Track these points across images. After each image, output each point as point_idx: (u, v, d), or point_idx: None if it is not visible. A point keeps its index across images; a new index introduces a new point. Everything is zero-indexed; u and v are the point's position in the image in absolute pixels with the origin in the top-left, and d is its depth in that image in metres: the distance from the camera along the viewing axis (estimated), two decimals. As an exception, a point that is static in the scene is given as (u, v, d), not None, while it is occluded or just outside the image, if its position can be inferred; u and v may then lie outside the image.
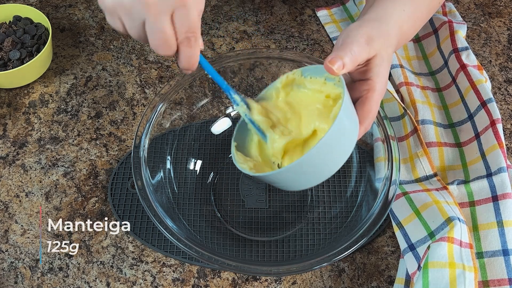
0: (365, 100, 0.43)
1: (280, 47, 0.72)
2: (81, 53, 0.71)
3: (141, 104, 0.67)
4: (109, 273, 0.55)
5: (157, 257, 0.56)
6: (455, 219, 0.50)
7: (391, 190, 0.50)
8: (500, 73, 0.70)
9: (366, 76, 0.44)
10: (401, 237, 0.54)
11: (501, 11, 0.77)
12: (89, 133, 0.64)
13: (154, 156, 0.55)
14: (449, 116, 0.64)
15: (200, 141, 0.61)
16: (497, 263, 0.51)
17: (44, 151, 0.63)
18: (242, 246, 0.56)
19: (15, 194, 0.60)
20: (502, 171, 0.54)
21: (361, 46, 0.42)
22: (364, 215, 0.51)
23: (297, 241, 0.56)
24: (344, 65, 0.41)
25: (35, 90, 0.68)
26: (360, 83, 0.44)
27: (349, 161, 0.59)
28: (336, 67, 0.40)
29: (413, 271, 0.51)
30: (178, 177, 0.58)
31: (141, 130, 0.54)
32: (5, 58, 0.65)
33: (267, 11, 0.77)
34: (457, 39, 0.65)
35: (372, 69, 0.44)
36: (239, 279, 0.55)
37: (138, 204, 0.58)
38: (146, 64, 0.70)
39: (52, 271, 0.55)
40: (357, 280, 0.54)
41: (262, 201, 0.59)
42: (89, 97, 0.67)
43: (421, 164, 0.58)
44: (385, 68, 0.45)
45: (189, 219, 0.56)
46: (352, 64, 0.42)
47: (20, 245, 0.56)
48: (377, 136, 0.55)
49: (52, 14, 0.75)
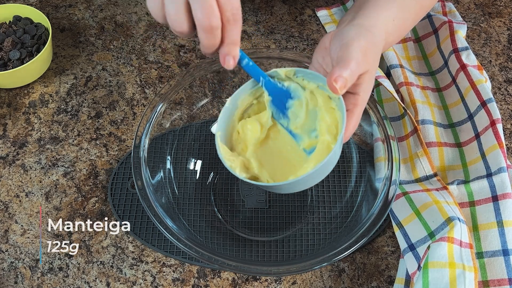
0: (350, 114, 0.44)
1: (280, 47, 0.72)
2: (81, 53, 0.71)
3: (141, 104, 0.67)
4: (109, 273, 0.55)
5: (157, 257, 0.56)
6: (455, 219, 0.50)
7: (391, 190, 0.50)
8: (500, 73, 0.70)
9: (354, 90, 0.44)
10: (401, 237, 0.54)
11: (501, 11, 0.77)
12: (89, 133, 0.64)
13: (154, 156, 0.55)
14: (449, 116, 0.64)
15: (200, 141, 0.61)
16: (497, 263, 0.51)
17: (44, 151, 0.63)
18: (242, 246, 0.56)
19: (15, 194, 0.60)
20: (502, 171, 0.54)
21: (359, 64, 0.42)
22: (364, 215, 0.51)
23: (297, 241, 0.56)
24: (346, 85, 0.41)
25: (35, 90, 0.68)
26: (347, 96, 0.45)
27: (349, 161, 0.59)
28: (339, 86, 0.41)
29: (413, 271, 0.51)
30: (178, 177, 0.58)
31: (141, 130, 0.54)
32: (5, 58, 0.65)
33: (267, 11, 0.77)
34: (457, 39, 0.65)
35: (361, 85, 0.44)
36: (239, 279, 0.55)
37: (138, 204, 0.58)
38: (146, 64, 0.70)
39: (52, 271, 0.55)
40: (357, 280, 0.54)
41: (262, 201, 0.59)
42: (89, 97, 0.67)
43: (421, 164, 0.58)
44: (372, 83, 0.45)
45: (189, 219, 0.56)
46: (351, 83, 0.42)
47: (20, 245, 0.56)
48: (377, 136, 0.55)
49: (52, 14, 0.75)
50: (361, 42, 0.44)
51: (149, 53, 0.72)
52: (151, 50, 0.72)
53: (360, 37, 0.44)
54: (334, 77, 0.41)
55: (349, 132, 0.44)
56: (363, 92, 0.44)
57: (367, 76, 0.44)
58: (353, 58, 0.42)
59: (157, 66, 0.70)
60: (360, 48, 0.43)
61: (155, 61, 0.71)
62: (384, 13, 0.49)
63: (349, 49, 0.43)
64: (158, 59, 0.71)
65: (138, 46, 0.72)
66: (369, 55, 0.44)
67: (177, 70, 0.70)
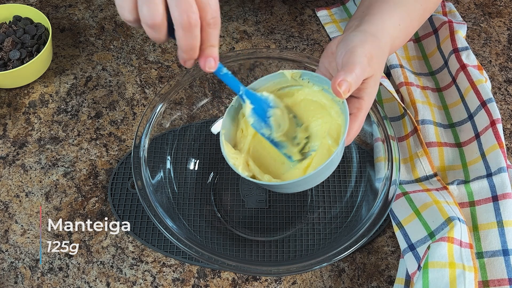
0: (353, 118, 0.45)
1: (280, 47, 0.72)
2: (81, 53, 0.71)
3: (141, 104, 0.67)
4: (109, 273, 0.55)
5: (157, 257, 0.56)
6: (455, 219, 0.50)
7: (391, 190, 0.50)
8: (500, 73, 0.70)
9: (358, 94, 0.45)
10: (401, 237, 0.54)
11: (501, 11, 0.77)
12: (89, 133, 0.64)
13: (154, 156, 0.55)
14: (449, 116, 0.64)
15: (200, 141, 0.61)
16: (497, 263, 0.51)
17: (44, 151, 0.63)
18: (242, 246, 0.56)
19: (15, 194, 0.60)
20: (502, 171, 0.54)
21: (364, 69, 0.43)
22: (364, 215, 0.51)
23: (297, 241, 0.56)
24: (350, 89, 0.42)
25: (35, 90, 0.68)
26: (352, 100, 0.45)
27: (349, 161, 0.59)
28: (343, 90, 0.41)
29: (413, 271, 0.51)
30: (178, 177, 0.58)
31: (141, 130, 0.54)
32: (5, 58, 0.65)
33: (267, 11, 0.77)
34: (457, 39, 0.65)
35: (365, 89, 0.45)
36: (239, 279, 0.55)
37: (138, 204, 0.58)
38: (146, 64, 0.70)
39: (52, 271, 0.55)
40: (357, 280, 0.54)
41: (262, 201, 0.59)
42: (89, 97, 0.67)
43: (421, 164, 0.58)
44: (376, 88, 0.46)
45: (189, 219, 0.56)
46: (355, 87, 0.43)
47: (20, 245, 0.56)
48: (377, 136, 0.55)
49: (52, 14, 0.75)
50: (366, 48, 0.44)
51: (149, 53, 0.72)
52: (151, 50, 0.72)
53: (365, 43, 0.45)
54: (338, 81, 0.41)
55: (352, 136, 0.45)
56: (367, 97, 0.45)
57: (372, 80, 0.45)
58: (358, 63, 0.43)
59: (157, 66, 0.70)
60: (365, 53, 0.44)
61: (155, 61, 0.71)
62: (390, 19, 0.49)
63: (354, 54, 0.43)
64: (158, 59, 0.71)
65: (138, 46, 0.72)
66: (374, 60, 0.44)
67: (177, 70, 0.70)
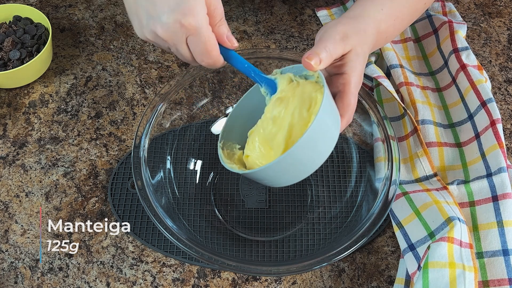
0: (343, 94, 0.46)
1: (280, 47, 0.72)
2: (81, 53, 0.71)
3: (141, 104, 0.67)
4: (109, 273, 0.55)
5: (157, 257, 0.56)
6: (455, 219, 0.50)
7: (391, 190, 0.50)
8: (500, 73, 0.70)
9: (341, 70, 0.47)
10: (401, 237, 0.54)
11: (501, 11, 0.77)
12: (89, 133, 0.64)
13: (154, 156, 0.55)
14: (449, 116, 0.64)
15: (200, 141, 0.61)
16: (497, 263, 0.51)
17: (44, 151, 0.63)
18: (242, 246, 0.56)
19: (15, 194, 0.60)
20: (502, 171, 0.54)
21: (336, 43, 0.45)
22: (364, 215, 0.51)
23: (297, 241, 0.56)
24: (321, 60, 0.43)
25: (35, 90, 0.68)
26: (337, 77, 0.47)
27: (349, 161, 0.59)
28: (314, 62, 0.43)
29: (413, 271, 0.51)
30: (178, 177, 0.58)
31: (141, 130, 0.54)
32: (5, 58, 0.65)
33: (267, 11, 0.77)
34: (457, 39, 0.65)
35: (347, 64, 0.46)
36: (239, 279, 0.55)
37: (138, 204, 0.58)
38: (146, 64, 0.70)
39: (52, 271, 0.55)
40: (357, 280, 0.54)
41: (262, 201, 0.59)
42: (89, 97, 0.67)
43: (421, 164, 0.58)
44: (360, 63, 0.47)
45: (189, 219, 0.56)
46: (328, 60, 0.44)
47: (20, 245, 0.56)
48: (377, 136, 0.55)
49: (52, 14, 0.75)
50: (338, 27, 0.46)
51: (149, 53, 0.72)
52: (151, 50, 0.72)
53: (338, 23, 0.47)
54: (307, 55, 0.43)
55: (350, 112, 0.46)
56: (350, 70, 0.46)
57: (352, 55, 0.46)
58: (329, 38, 0.45)
59: (157, 66, 0.70)
60: (337, 31, 0.46)
61: (155, 61, 0.71)
62: (371, 4, 0.51)
63: (326, 33, 0.46)
64: (158, 59, 0.71)
65: (138, 46, 0.72)
66: (350, 37, 0.46)
67: (177, 70, 0.70)
